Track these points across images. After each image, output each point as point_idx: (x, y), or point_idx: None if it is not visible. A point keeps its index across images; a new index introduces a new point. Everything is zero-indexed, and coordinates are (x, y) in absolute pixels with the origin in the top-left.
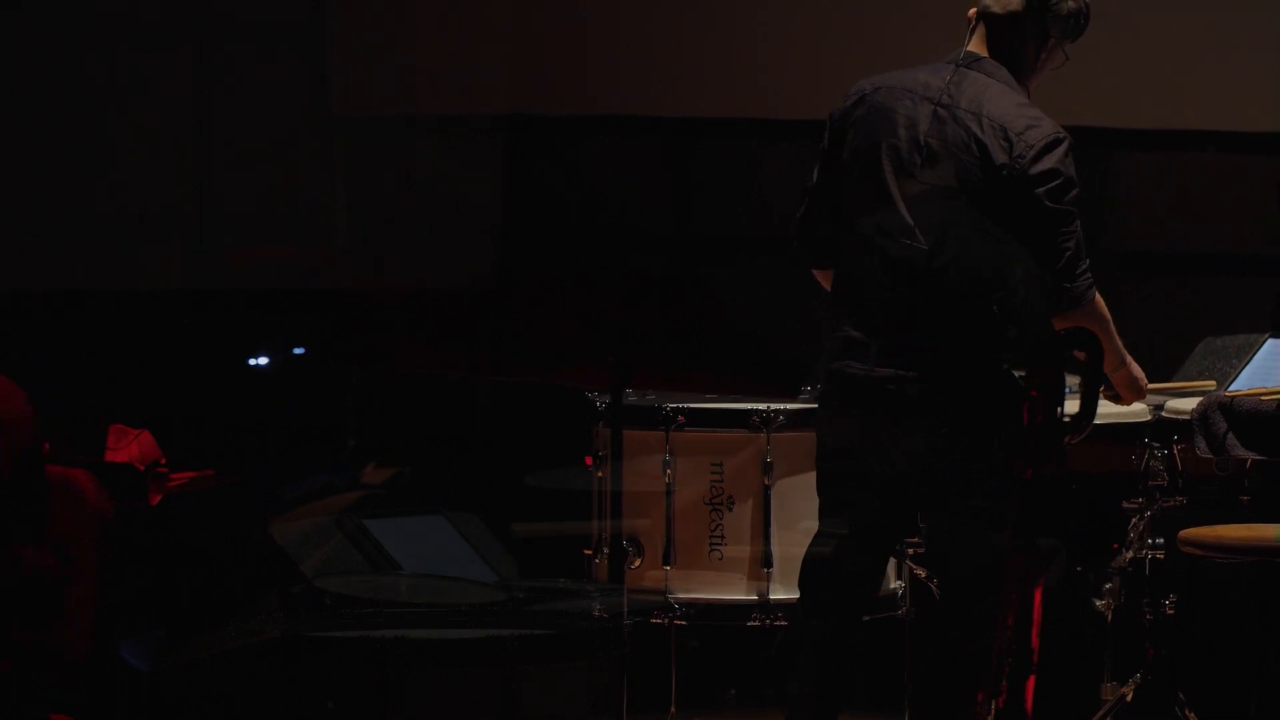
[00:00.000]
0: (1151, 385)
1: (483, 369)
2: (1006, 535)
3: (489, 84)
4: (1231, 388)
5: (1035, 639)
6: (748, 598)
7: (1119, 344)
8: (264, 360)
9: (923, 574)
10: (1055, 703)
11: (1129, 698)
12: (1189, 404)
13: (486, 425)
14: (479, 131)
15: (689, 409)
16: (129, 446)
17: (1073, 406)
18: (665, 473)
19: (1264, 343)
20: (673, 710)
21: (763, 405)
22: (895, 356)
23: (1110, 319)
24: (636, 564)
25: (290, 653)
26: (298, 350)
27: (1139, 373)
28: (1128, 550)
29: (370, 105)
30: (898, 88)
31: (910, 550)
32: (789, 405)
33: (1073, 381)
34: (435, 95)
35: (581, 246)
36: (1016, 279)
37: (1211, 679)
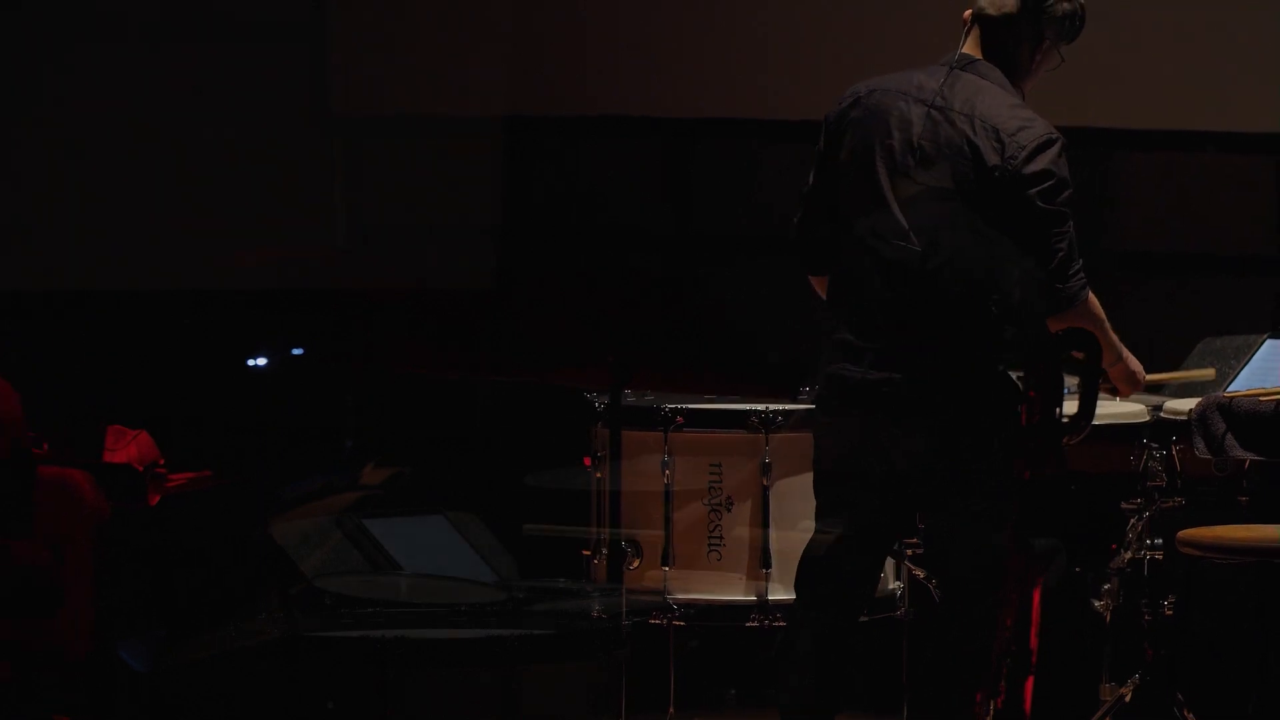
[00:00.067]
0: (1149, 376)
1: (482, 369)
2: (1006, 536)
3: (489, 84)
4: (1230, 388)
5: (1034, 639)
6: (746, 598)
7: (1115, 340)
8: (263, 360)
9: (921, 574)
10: (1054, 703)
11: (1128, 698)
12: (1188, 404)
13: (486, 425)
14: (479, 132)
15: (688, 409)
16: (127, 447)
17: (1071, 407)
18: (664, 473)
19: (1263, 343)
20: (672, 710)
21: (761, 406)
22: (891, 359)
23: (1104, 317)
24: (635, 564)
25: (290, 653)
26: (297, 351)
27: (1136, 366)
28: (1126, 551)
29: (370, 105)
30: (892, 90)
31: (909, 551)
32: (788, 406)
33: (1071, 382)
34: (435, 95)
35: (581, 246)
36: (1014, 279)
37: (1210, 679)
